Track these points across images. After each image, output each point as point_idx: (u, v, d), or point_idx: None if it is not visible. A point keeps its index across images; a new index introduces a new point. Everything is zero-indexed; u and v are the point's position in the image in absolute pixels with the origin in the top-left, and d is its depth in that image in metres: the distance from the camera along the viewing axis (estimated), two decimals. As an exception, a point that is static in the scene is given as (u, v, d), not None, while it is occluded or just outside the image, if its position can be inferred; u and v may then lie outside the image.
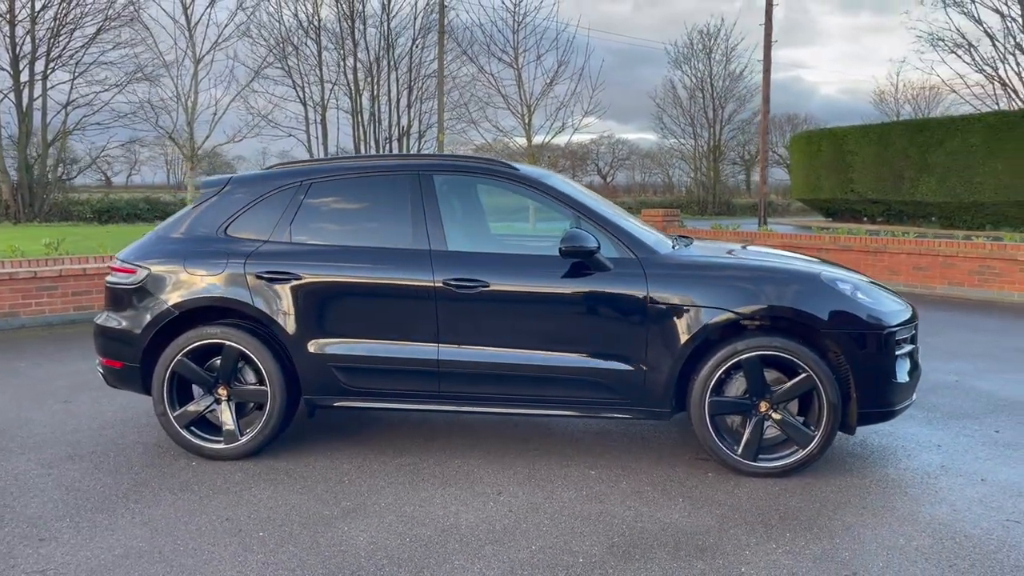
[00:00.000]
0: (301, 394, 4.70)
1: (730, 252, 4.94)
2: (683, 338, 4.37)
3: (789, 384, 4.35)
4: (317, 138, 35.08)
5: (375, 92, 35.39)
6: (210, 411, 4.73)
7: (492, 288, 4.48)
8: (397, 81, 35.21)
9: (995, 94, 32.98)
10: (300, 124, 34.35)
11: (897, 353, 4.41)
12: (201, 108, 26.64)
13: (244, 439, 4.68)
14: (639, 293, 4.40)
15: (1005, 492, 4.21)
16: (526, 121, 18.04)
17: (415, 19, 34.49)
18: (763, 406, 4.38)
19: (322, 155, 35.60)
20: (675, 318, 4.38)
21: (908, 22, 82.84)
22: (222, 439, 4.70)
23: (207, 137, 27.59)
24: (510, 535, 3.73)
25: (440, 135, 33.68)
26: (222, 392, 4.70)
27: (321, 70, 34.30)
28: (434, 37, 32.79)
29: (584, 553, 3.55)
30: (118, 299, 4.84)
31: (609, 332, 4.46)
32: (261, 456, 4.73)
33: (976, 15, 32.19)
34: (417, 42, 34.65)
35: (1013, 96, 32.54)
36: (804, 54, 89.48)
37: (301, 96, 34.21)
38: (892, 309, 4.49)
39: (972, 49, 32.64)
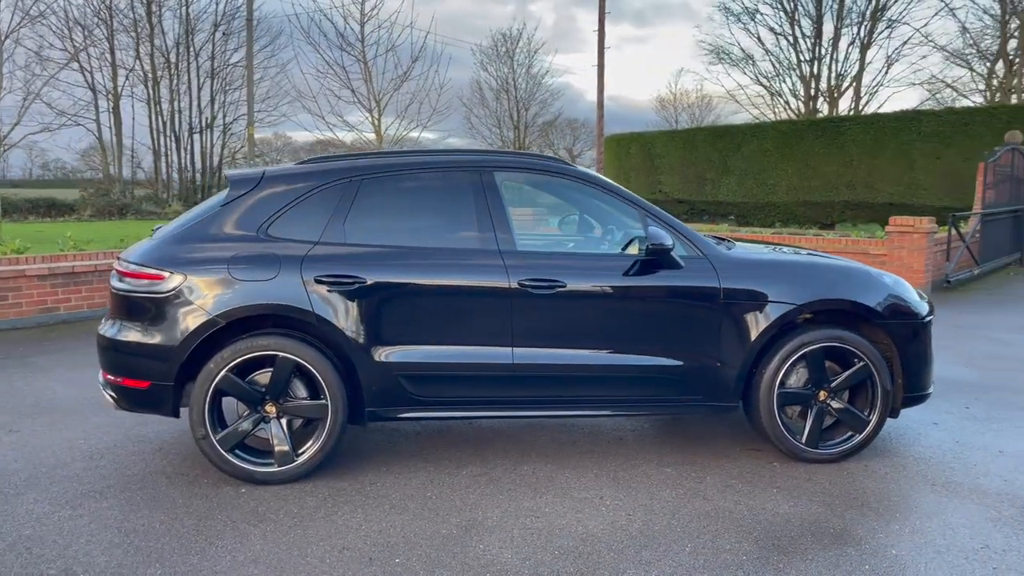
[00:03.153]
0: (362, 407, 4.35)
1: (775, 249, 5.13)
2: (755, 332, 4.49)
3: (847, 373, 4.59)
4: (110, 127, 32.28)
5: (173, 82, 33.11)
6: (258, 431, 4.27)
7: (569, 288, 4.38)
8: (199, 70, 33.14)
9: (772, 104, 36.35)
10: (89, 112, 31.46)
11: (929, 340, 4.80)
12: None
13: (300, 460, 4.27)
14: (713, 289, 4.48)
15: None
16: (374, 116, 17.58)
17: (217, 4, 32.64)
18: (822, 395, 4.60)
19: (115, 146, 32.84)
20: (746, 313, 4.50)
21: (699, 35, 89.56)
22: (273, 461, 4.26)
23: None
24: (654, 539, 3.67)
25: (250, 128, 32.07)
26: (270, 409, 4.25)
27: (113, 55, 31.59)
28: (241, 23, 31.17)
29: (740, 550, 3.57)
30: (140, 308, 4.23)
31: (685, 329, 4.50)
32: (313, 478, 4.33)
33: (757, 34, 35.30)
34: (221, 27, 32.77)
35: (786, 107, 36.04)
36: (572, 60, 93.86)
37: (90, 81, 31.32)
38: (920, 300, 4.87)
39: (753, 63, 35.78)
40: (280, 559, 3.46)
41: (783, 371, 4.54)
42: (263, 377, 4.28)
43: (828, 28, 34.43)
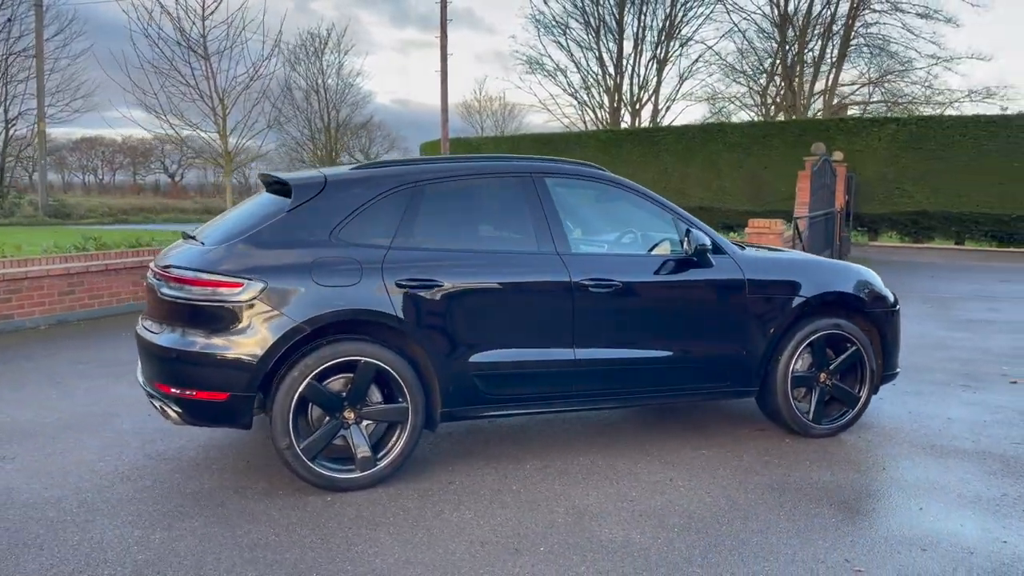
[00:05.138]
0: (438, 408, 4.42)
1: (774, 250, 5.69)
2: (774, 322, 5.02)
3: (843, 356, 5.22)
4: None
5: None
6: (340, 438, 4.24)
7: (622, 286, 4.69)
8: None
9: (582, 113, 38.26)
10: None
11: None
12: None
13: (382, 464, 4.29)
14: (740, 284, 4.95)
15: (970, 424, 5.56)
16: (220, 116, 16.77)
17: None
18: (823, 377, 5.22)
19: None
20: (767, 305, 5.01)
21: (515, 45, 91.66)
22: (355, 467, 4.24)
23: None
24: (748, 511, 4.06)
25: (40, 123, 29.39)
26: (349, 415, 4.24)
27: None
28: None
29: (823, 513, 4.03)
30: (213, 317, 4.06)
31: (720, 321, 4.94)
32: (394, 482, 4.36)
33: (567, 47, 37.05)
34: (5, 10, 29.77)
35: (594, 118, 38.08)
36: (358, 63, 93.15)
37: None
38: (889, 290, 5.62)
39: (565, 75, 37.48)
40: (431, 559, 3.51)
41: (796, 355, 5.10)
42: (336, 384, 4.25)
43: (629, 45, 36.75)
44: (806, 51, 34.00)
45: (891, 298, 5.47)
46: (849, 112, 34.36)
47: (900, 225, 23.07)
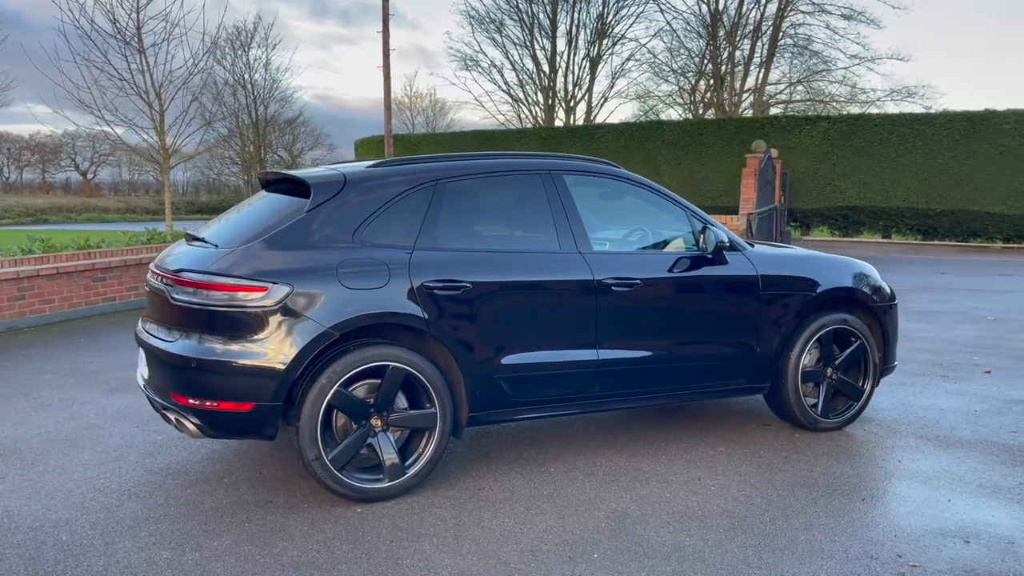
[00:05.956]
0: (465, 413, 4.29)
1: (778, 247, 5.72)
2: (786, 318, 5.04)
3: (849, 350, 5.28)
4: None
5: None
6: (367, 447, 4.07)
7: (642, 285, 4.64)
8: None
9: (517, 110, 38.29)
10: None
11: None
12: None
13: (411, 472, 4.14)
14: (755, 281, 4.96)
15: (963, 414, 5.69)
16: (156, 112, 16.15)
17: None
18: (829, 371, 5.27)
19: None
20: (780, 301, 5.03)
21: (449, 42, 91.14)
22: (383, 476, 4.08)
23: None
24: (785, 508, 4.05)
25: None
26: (376, 422, 4.07)
27: None
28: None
29: (853, 509, 4.06)
30: (235, 323, 3.85)
31: (737, 318, 4.94)
32: (421, 490, 4.22)
33: (504, 47, 37.01)
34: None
35: (530, 115, 38.17)
36: (286, 57, 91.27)
37: None
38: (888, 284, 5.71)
39: (501, 73, 37.46)
40: (486, 569, 3.39)
41: (806, 351, 5.13)
42: (360, 390, 4.08)
43: (562, 43, 36.93)
44: (736, 50, 34.71)
45: (891, 293, 5.56)
46: (772, 111, 35.26)
47: (831, 220, 23.77)
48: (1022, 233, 21.48)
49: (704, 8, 35.04)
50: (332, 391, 3.92)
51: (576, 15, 36.04)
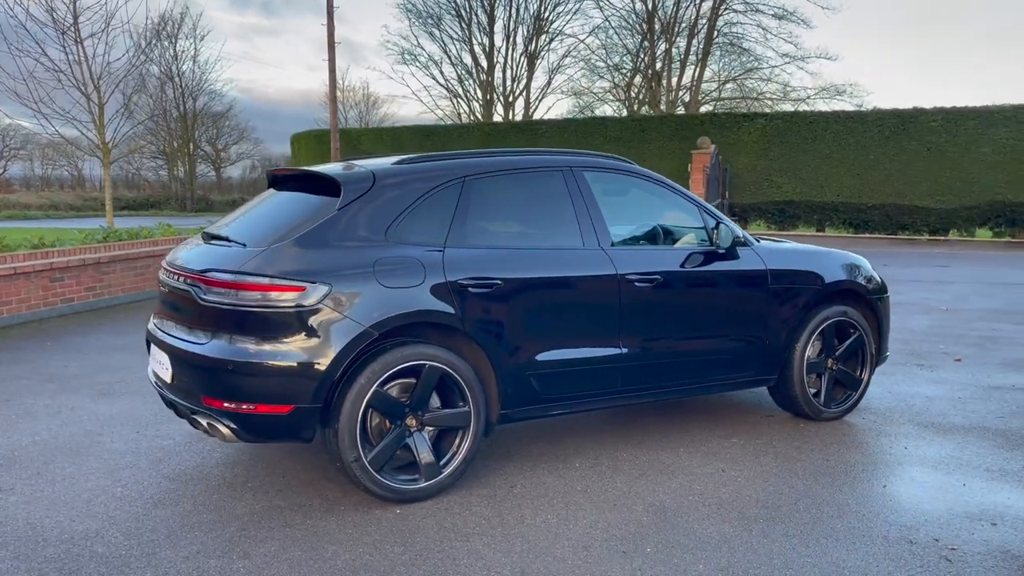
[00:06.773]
0: (496, 411, 4.28)
1: (780, 242, 5.84)
2: (793, 311, 5.17)
3: (848, 342, 5.44)
4: None
5: None
6: (403, 447, 4.03)
7: (662, 280, 4.69)
8: None
9: (456, 106, 38.16)
10: None
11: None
12: None
13: (447, 471, 4.11)
14: (765, 276, 5.07)
15: (950, 401, 5.93)
16: (95, 104, 15.56)
17: None
18: (830, 363, 5.42)
19: None
20: (788, 295, 5.15)
21: (387, 35, 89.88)
22: (419, 476, 4.04)
23: None
24: (816, 495, 4.16)
25: None
26: (412, 422, 4.03)
27: None
28: None
29: (879, 495, 4.19)
30: (272, 324, 3.75)
31: (748, 312, 5.04)
32: (455, 489, 4.19)
33: (442, 41, 36.83)
34: None
35: (468, 112, 38.09)
36: (216, 49, 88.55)
37: None
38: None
39: (440, 68, 37.27)
40: (545, 566, 3.39)
41: (811, 343, 5.27)
42: (394, 390, 4.03)
43: (500, 38, 36.96)
44: (672, 47, 35.27)
45: (884, 285, 5.75)
46: (705, 108, 35.96)
47: (768, 214, 24.38)
48: (947, 226, 22.44)
49: (640, 5, 35.51)
50: (371, 391, 3.86)
51: (514, 10, 36.15)
